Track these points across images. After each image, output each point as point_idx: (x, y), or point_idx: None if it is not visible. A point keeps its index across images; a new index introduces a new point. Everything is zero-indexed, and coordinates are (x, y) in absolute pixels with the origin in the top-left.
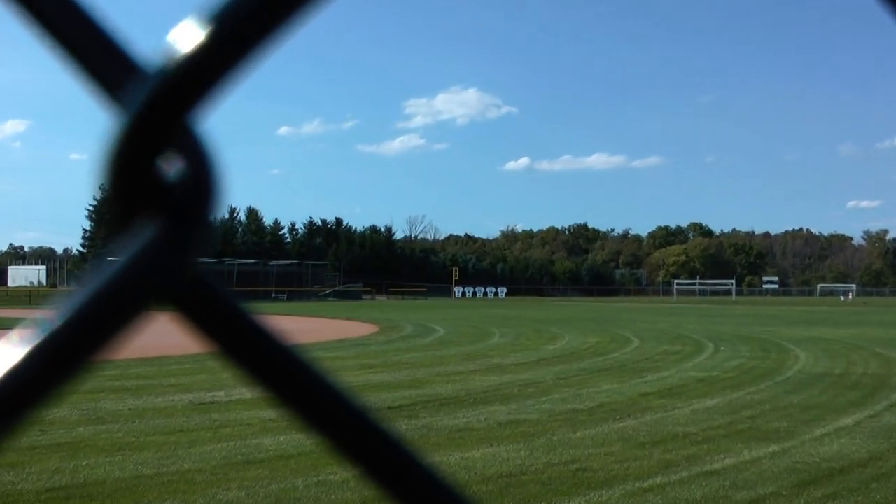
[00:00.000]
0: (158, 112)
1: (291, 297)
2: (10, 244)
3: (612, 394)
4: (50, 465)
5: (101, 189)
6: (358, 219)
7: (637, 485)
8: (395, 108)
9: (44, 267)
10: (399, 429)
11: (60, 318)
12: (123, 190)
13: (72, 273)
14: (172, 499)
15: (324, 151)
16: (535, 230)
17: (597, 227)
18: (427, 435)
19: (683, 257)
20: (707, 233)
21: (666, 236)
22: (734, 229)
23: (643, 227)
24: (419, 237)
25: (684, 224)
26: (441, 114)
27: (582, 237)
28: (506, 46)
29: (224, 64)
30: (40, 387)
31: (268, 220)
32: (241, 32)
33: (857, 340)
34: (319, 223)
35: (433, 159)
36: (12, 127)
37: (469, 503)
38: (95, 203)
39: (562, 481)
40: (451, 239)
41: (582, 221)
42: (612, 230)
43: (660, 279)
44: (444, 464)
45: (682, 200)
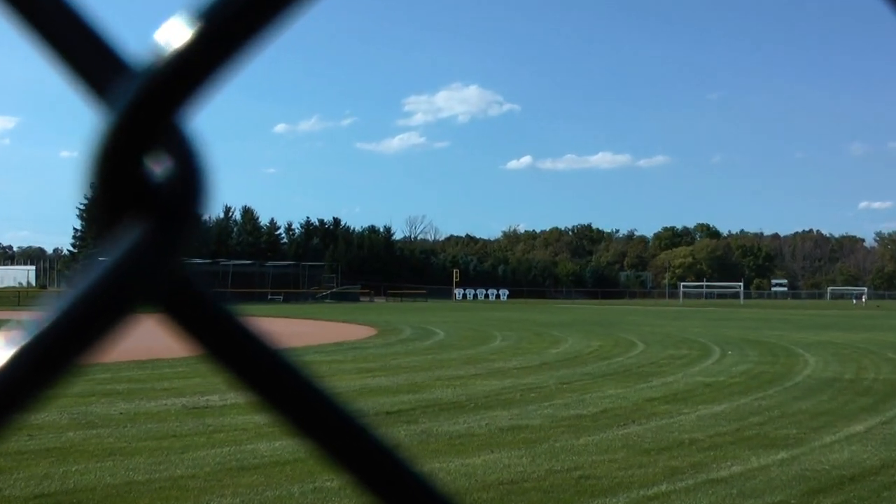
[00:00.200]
0: (146, 111)
1: (288, 298)
2: None
3: (617, 399)
4: (38, 470)
5: (90, 188)
6: (356, 219)
7: (642, 493)
8: (394, 105)
9: (33, 267)
10: (398, 434)
11: (47, 320)
12: (110, 189)
13: (62, 273)
14: None
15: (321, 149)
16: (538, 231)
17: (601, 228)
18: (427, 441)
19: (690, 259)
20: (714, 234)
21: (672, 237)
22: (742, 230)
23: (649, 228)
24: (419, 238)
25: (691, 225)
26: (442, 111)
27: (586, 238)
28: (508, 42)
29: (212, 62)
30: (27, 390)
31: (264, 220)
32: (229, 31)
33: (867, 345)
34: (317, 223)
35: (433, 158)
36: (1, 124)
37: None
38: (85, 202)
39: (564, 489)
40: (452, 240)
41: (586, 222)
42: (617, 231)
43: (666, 281)
44: (443, 470)
45: (689, 201)
